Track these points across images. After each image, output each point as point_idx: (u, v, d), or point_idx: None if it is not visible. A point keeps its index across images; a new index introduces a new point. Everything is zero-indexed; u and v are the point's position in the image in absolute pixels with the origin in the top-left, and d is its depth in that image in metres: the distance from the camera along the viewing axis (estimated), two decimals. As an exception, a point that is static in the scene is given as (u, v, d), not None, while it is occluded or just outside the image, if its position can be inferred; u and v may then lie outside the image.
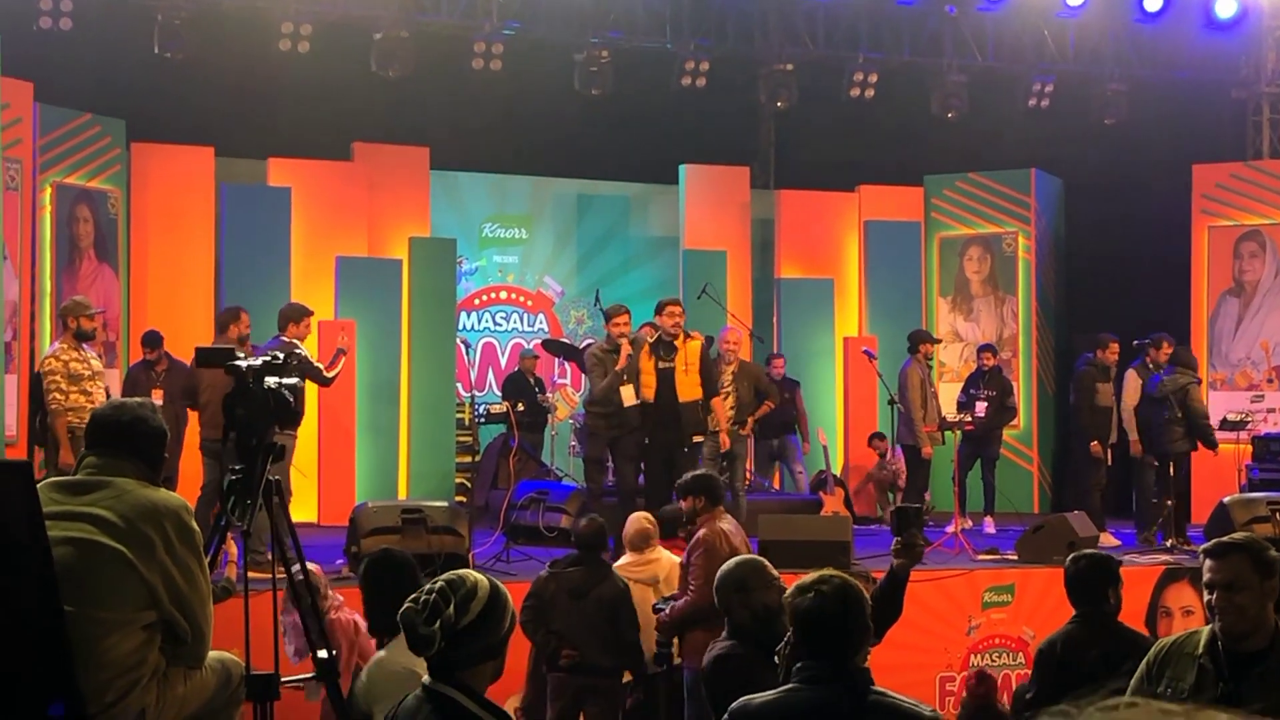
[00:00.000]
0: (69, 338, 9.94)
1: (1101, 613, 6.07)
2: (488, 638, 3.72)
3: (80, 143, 13.99)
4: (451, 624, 3.66)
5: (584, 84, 15.79)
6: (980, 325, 16.77)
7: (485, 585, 3.76)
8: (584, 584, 8.27)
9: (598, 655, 8.23)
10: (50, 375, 9.79)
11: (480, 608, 3.70)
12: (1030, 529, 11.99)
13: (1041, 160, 16.98)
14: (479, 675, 3.74)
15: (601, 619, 8.24)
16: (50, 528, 4.11)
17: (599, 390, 11.06)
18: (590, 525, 8.55)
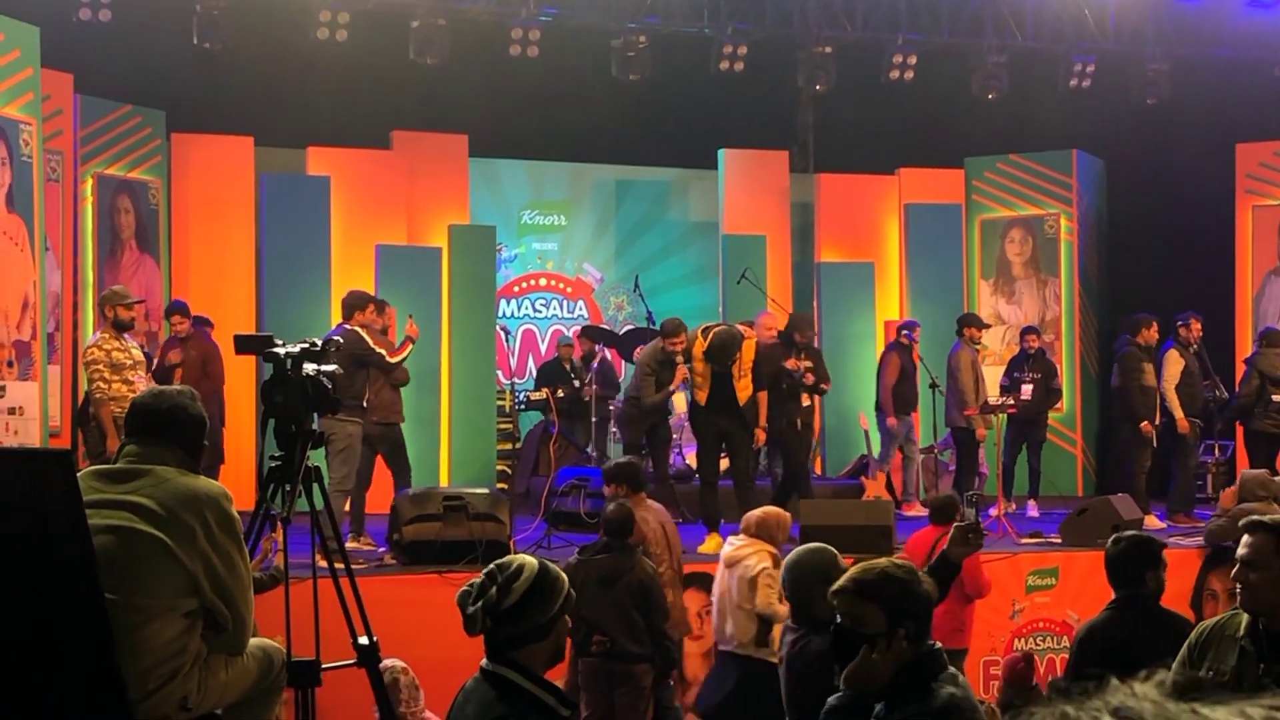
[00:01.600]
0: (109, 327, 9.96)
1: (1141, 596, 5.96)
2: (533, 618, 3.75)
3: (121, 134, 14.05)
4: (494, 605, 3.71)
5: (621, 70, 15.75)
6: (1022, 308, 16.67)
7: (532, 567, 3.79)
8: (613, 571, 8.24)
9: (627, 642, 8.22)
10: (93, 365, 9.80)
11: (524, 589, 3.74)
12: (1074, 512, 11.91)
13: (1083, 141, 16.85)
14: (531, 655, 3.77)
15: (631, 606, 8.22)
16: (91, 516, 4.13)
17: (650, 402, 11.16)
18: (618, 511, 8.50)
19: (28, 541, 4.22)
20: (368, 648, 5.41)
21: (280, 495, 5.21)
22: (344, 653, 5.42)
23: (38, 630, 4.27)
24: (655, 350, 11.45)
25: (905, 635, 3.65)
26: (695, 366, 11.03)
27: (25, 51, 10.53)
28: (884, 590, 3.68)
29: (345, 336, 9.56)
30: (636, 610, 8.21)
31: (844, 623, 3.71)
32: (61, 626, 4.19)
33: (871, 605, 3.67)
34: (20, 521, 4.22)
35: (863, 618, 3.68)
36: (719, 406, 10.99)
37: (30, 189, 10.51)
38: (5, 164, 10.27)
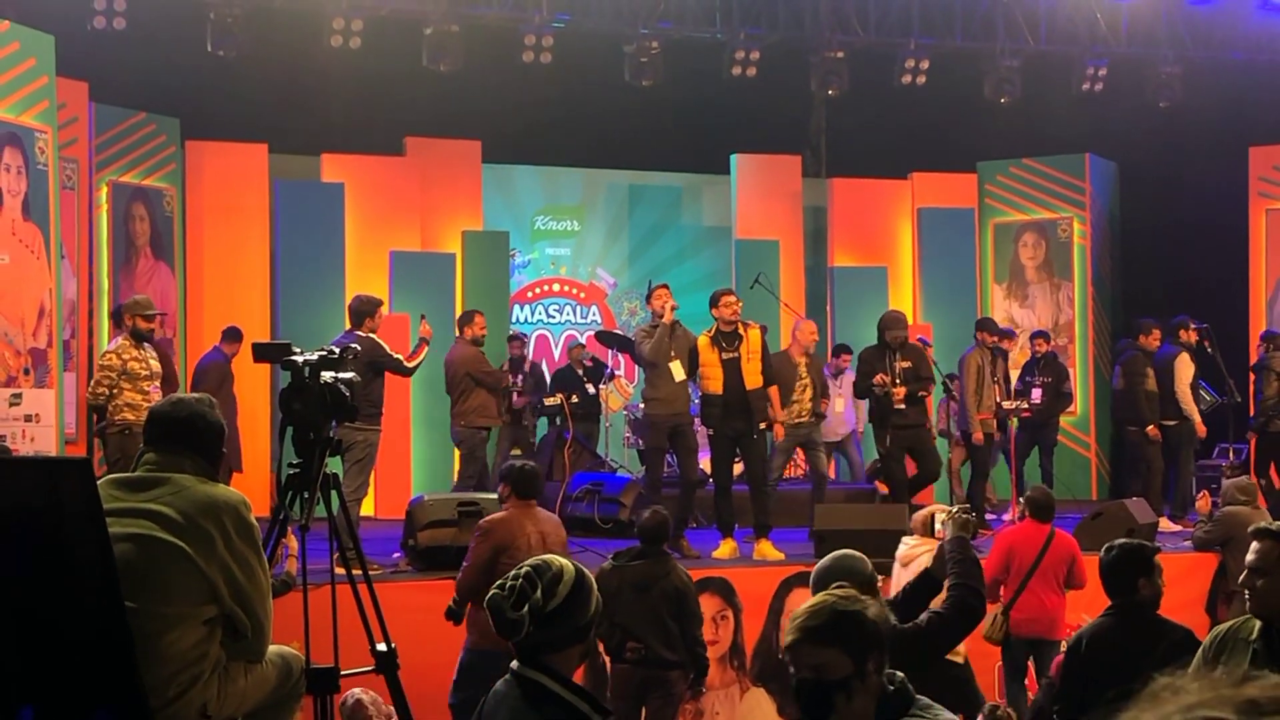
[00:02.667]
0: (129, 335, 9.95)
1: (1135, 604, 5.97)
2: (575, 620, 3.72)
3: (135, 141, 14.10)
4: (540, 608, 3.66)
5: (634, 75, 15.78)
6: (1036, 312, 16.67)
7: (570, 569, 3.77)
8: (648, 577, 8.25)
9: (661, 648, 8.23)
10: (106, 370, 9.75)
11: (567, 591, 3.70)
12: (1089, 516, 11.90)
13: (1096, 144, 16.85)
14: (567, 659, 3.75)
15: (665, 612, 8.23)
16: (110, 524, 4.14)
17: (649, 350, 11.06)
18: (654, 518, 8.52)
19: (48, 549, 4.24)
20: (386, 654, 5.43)
21: (299, 502, 5.22)
22: (362, 659, 5.44)
23: (58, 638, 4.29)
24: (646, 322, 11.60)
25: (875, 667, 3.35)
26: (703, 357, 11.03)
27: (40, 60, 10.57)
28: (839, 630, 3.33)
29: (362, 344, 9.57)
30: (671, 617, 8.23)
31: (806, 675, 3.34)
32: (81, 634, 4.21)
33: (831, 650, 3.32)
34: (40, 529, 4.24)
35: (825, 665, 3.31)
36: (731, 397, 10.97)
37: (46, 197, 10.55)
38: (21, 172, 10.31)
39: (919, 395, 11.96)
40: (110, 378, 9.72)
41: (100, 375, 9.80)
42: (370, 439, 10.29)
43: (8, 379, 10.04)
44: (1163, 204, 16.72)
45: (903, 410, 11.71)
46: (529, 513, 8.04)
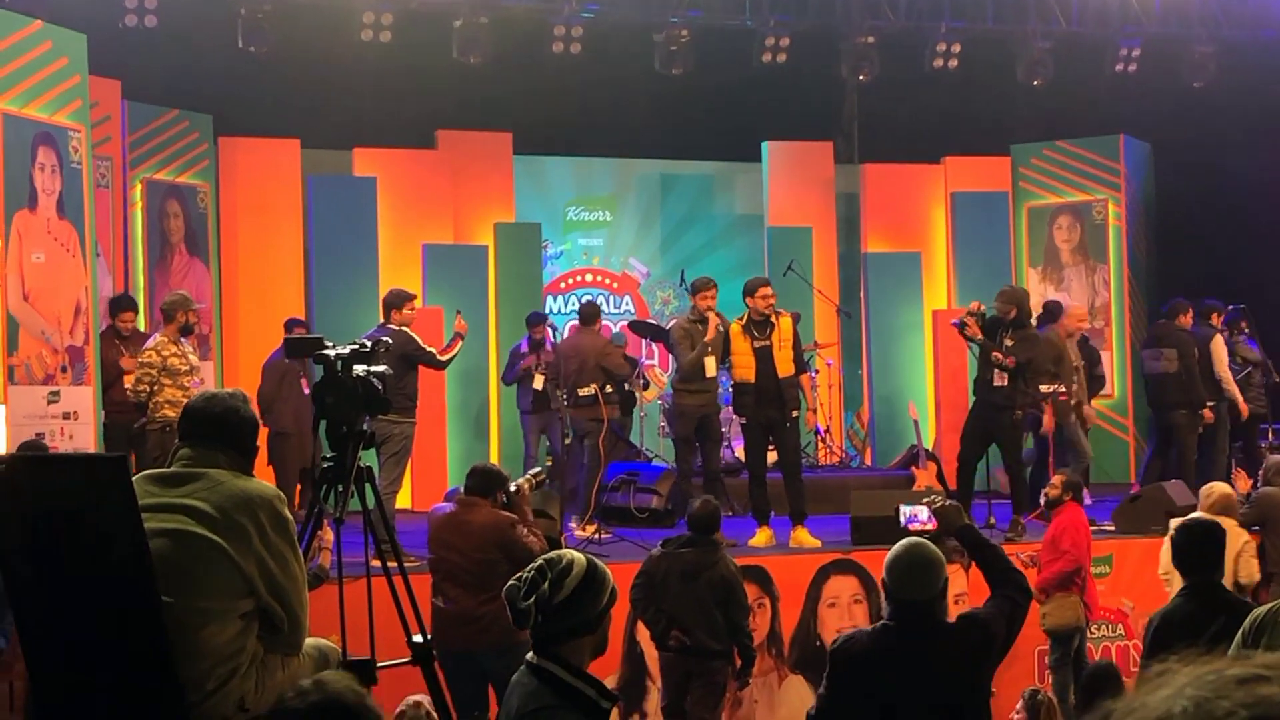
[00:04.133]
0: (171, 331, 9.99)
1: (1212, 583, 5.88)
2: (583, 613, 3.83)
3: (168, 139, 14.16)
4: (546, 599, 3.79)
5: (664, 64, 15.76)
6: (1071, 295, 16.55)
7: (581, 563, 3.87)
8: (696, 565, 8.27)
9: (706, 638, 8.25)
10: (146, 367, 9.84)
11: (575, 584, 3.82)
12: (1127, 499, 11.85)
13: (1130, 126, 16.73)
14: (577, 650, 3.86)
15: (712, 601, 8.25)
16: (146, 520, 4.16)
17: (687, 363, 11.04)
18: (705, 507, 8.55)
19: (85, 545, 4.27)
20: (422, 645, 5.45)
21: (333, 495, 5.24)
22: (399, 651, 5.46)
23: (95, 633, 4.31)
24: (686, 314, 11.46)
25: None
26: (735, 345, 10.99)
27: (73, 59, 10.62)
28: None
29: (395, 337, 9.60)
30: (717, 606, 8.24)
31: None
32: (119, 629, 4.24)
33: None
34: (77, 526, 4.26)
35: None
36: (764, 384, 10.95)
37: (80, 196, 10.60)
38: (55, 171, 10.36)
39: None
40: (151, 374, 9.80)
41: (140, 372, 9.86)
42: (406, 431, 10.33)
43: (45, 377, 10.10)
44: (1198, 184, 16.60)
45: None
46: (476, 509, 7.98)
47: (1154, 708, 1.32)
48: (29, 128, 10.15)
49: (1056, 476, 10.40)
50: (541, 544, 7.85)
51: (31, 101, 10.19)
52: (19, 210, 9.95)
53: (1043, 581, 9.82)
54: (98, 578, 4.26)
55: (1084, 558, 9.79)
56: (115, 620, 4.24)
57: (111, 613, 4.24)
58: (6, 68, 9.98)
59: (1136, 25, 16.52)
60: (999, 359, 11.19)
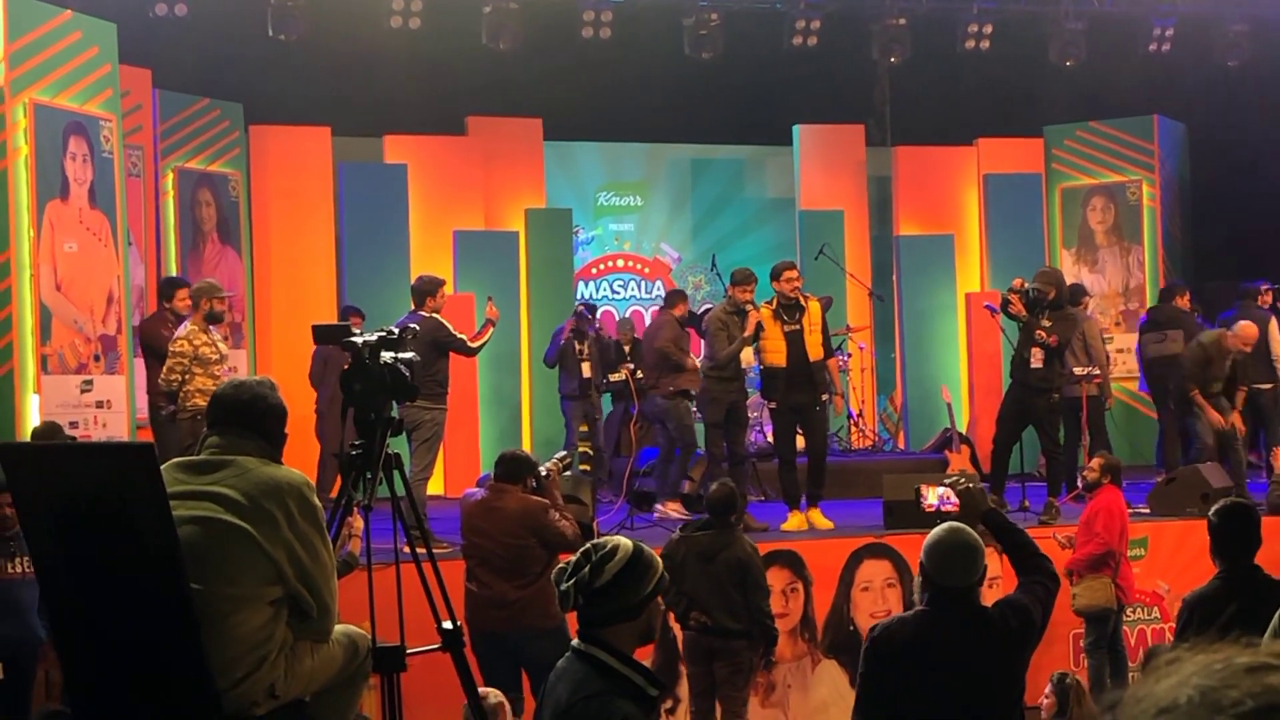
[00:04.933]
0: (199, 319, 10.02)
1: (1249, 566, 5.81)
2: (623, 598, 3.81)
3: (199, 127, 14.19)
4: (586, 583, 3.80)
5: (694, 48, 15.72)
6: (1106, 276, 16.48)
7: (627, 548, 3.87)
8: (712, 547, 8.37)
9: (724, 618, 8.32)
10: (178, 356, 9.87)
11: (617, 569, 3.81)
12: (1162, 481, 11.78)
13: (1164, 105, 16.61)
14: (619, 634, 3.84)
15: (730, 583, 8.32)
16: (175, 507, 4.17)
17: (724, 355, 11.02)
18: (721, 490, 8.64)
19: (114, 534, 4.28)
20: (452, 632, 5.45)
21: (361, 483, 5.25)
22: (428, 638, 5.46)
23: (125, 621, 4.33)
24: (723, 304, 11.42)
25: None
26: (765, 330, 10.98)
27: (104, 49, 10.65)
28: None
29: (424, 323, 9.60)
30: (734, 587, 8.31)
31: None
32: (148, 617, 4.25)
33: None
34: (107, 515, 4.28)
35: None
36: (794, 369, 10.95)
37: (112, 185, 10.64)
38: (87, 161, 10.40)
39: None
40: (182, 363, 9.82)
41: (172, 361, 9.88)
42: (437, 418, 10.34)
43: (78, 366, 10.15)
44: (1233, 164, 16.49)
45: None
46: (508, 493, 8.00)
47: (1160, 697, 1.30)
48: (60, 117, 10.18)
49: (1095, 459, 10.35)
50: (573, 528, 7.88)
51: (62, 91, 10.23)
52: (51, 200, 9.99)
53: (1073, 563, 9.79)
54: (127, 566, 4.27)
55: (1115, 541, 9.74)
56: (145, 608, 4.25)
57: (141, 600, 4.26)
58: (37, 58, 10.01)
59: (1170, 4, 16.39)
60: (1042, 337, 11.16)
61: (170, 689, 4.25)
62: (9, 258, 9.65)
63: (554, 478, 8.15)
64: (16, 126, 9.77)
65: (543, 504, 7.89)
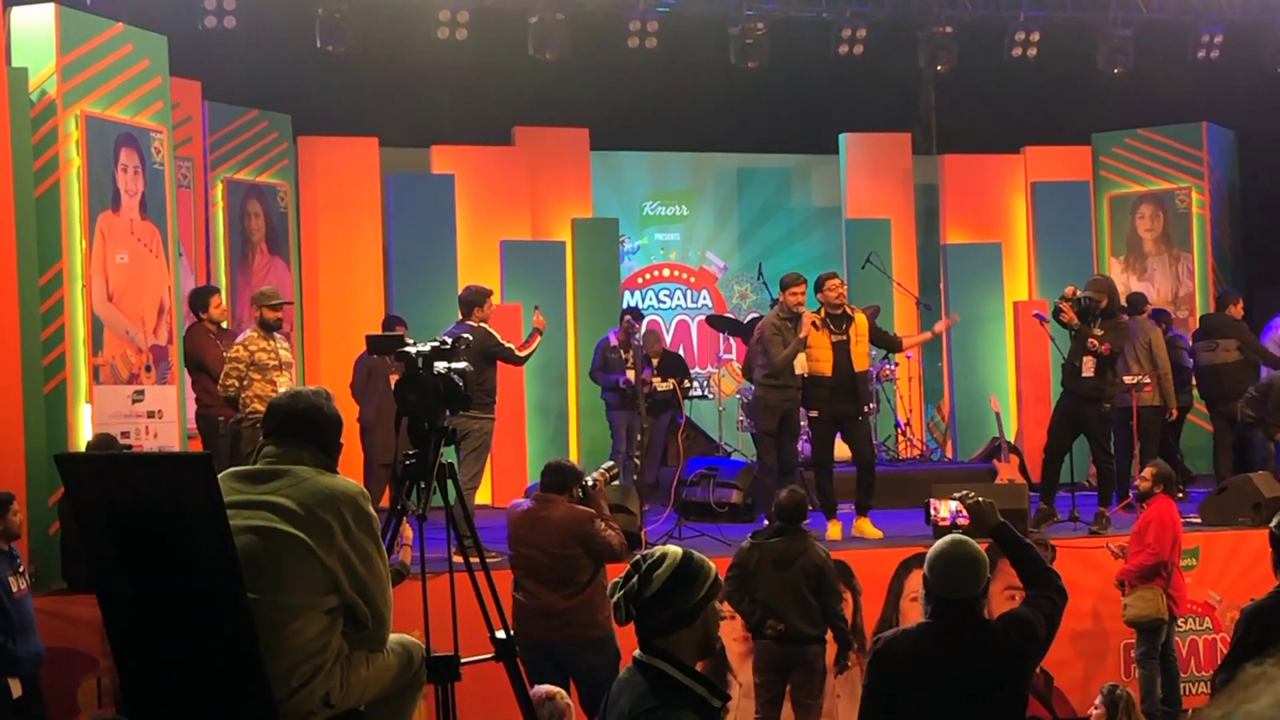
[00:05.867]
0: (258, 326, 10.25)
1: None
2: (675, 605, 3.78)
3: (248, 139, 14.28)
4: (636, 594, 3.77)
5: (740, 57, 15.72)
6: (1155, 284, 16.38)
7: (675, 556, 3.85)
8: (787, 554, 8.38)
9: (801, 624, 8.32)
10: (233, 362, 10.07)
11: (665, 576, 3.78)
12: (1214, 491, 11.70)
13: (1212, 113, 16.51)
14: (676, 643, 3.80)
15: (806, 588, 8.33)
16: (232, 517, 4.19)
17: (781, 359, 10.99)
18: (791, 496, 8.63)
19: (172, 544, 4.30)
20: (505, 641, 5.45)
21: (415, 492, 5.26)
22: (482, 647, 5.47)
23: (183, 631, 4.35)
24: (775, 311, 11.42)
25: None
26: (811, 339, 10.99)
27: (154, 61, 10.72)
28: None
29: (474, 333, 9.64)
30: (811, 592, 8.31)
31: None
32: (206, 627, 4.27)
33: None
34: (164, 524, 4.30)
35: None
36: (840, 379, 10.97)
37: (162, 196, 10.71)
38: (138, 172, 10.47)
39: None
40: (239, 369, 10.00)
41: (229, 367, 10.09)
42: (485, 427, 10.38)
43: (130, 376, 10.21)
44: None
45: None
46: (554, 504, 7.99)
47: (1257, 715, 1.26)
48: (111, 129, 10.25)
49: (1148, 469, 10.28)
50: (620, 538, 7.88)
51: (114, 104, 10.30)
52: (103, 211, 10.06)
53: (1124, 573, 9.74)
54: (185, 575, 4.29)
55: (1167, 551, 9.68)
56: (202, 617, 4.27)
57: (199, 610, 4.27)
58: (89, 70, 10.09)
59: (1218, 11, 16.30)
60: (1095, 345, 11.09)
61: (227, 698, 4.27)
62: (61, 269, 9.72)
63: (600, 487, 8.15)
64: (69, 138, 9.85)
65: (589, 514, 7.90)
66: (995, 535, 5.23)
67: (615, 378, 13.04)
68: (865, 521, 11.13)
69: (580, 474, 8.15)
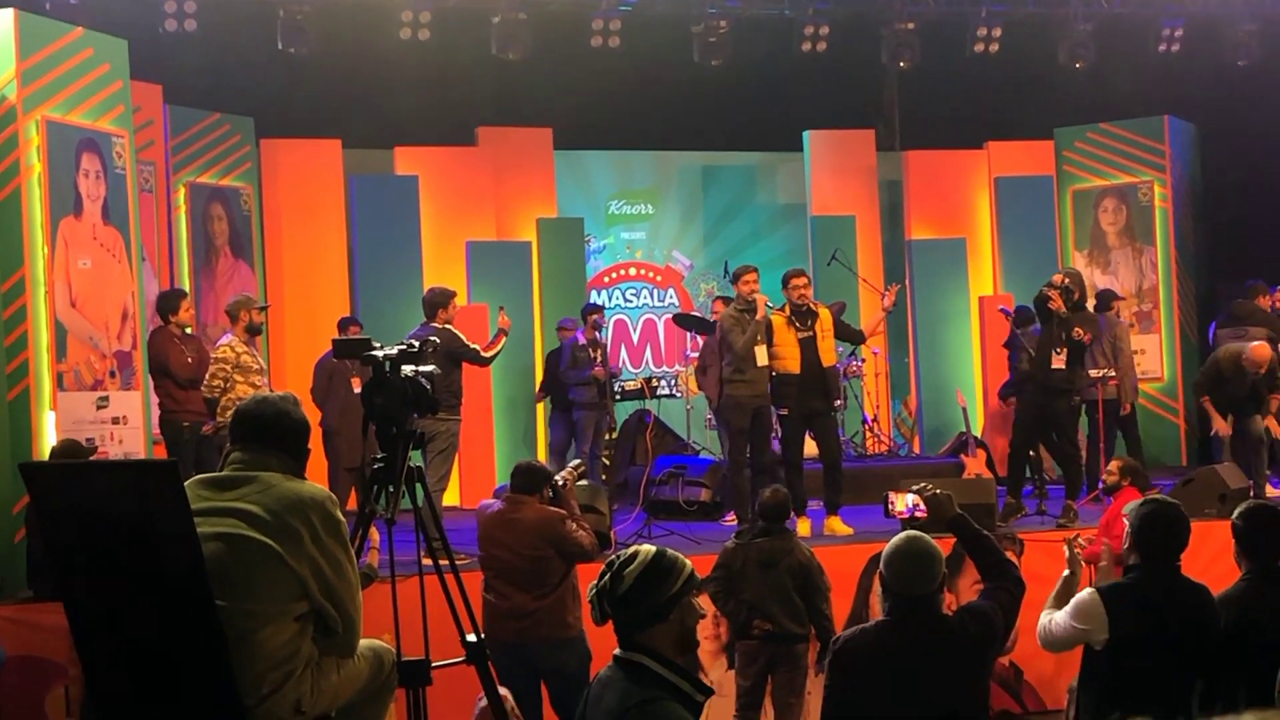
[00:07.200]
0: (240, 331, 10.34)
1: (1275, 569, 5.76)
2: (648, 601, 3.83)
3: (210, 142, 14.21)
4: (609, 591, 3.85)
5: (704, 55, 15.72)
6: (1119, 277, 16.45)
7: (647, 553, 3.91)
8: (773, 554, 8.35)
9: (788, 623, 8.32)
10: (219, 363, 10.12)
11: (638, 573, 3.84)
12: (1180, 482, 11.74)
13: (1174, 106, 16.59)
14: (653, 638, 3.85)
15: (792, 587, 8.32)
16: (200, 524, 4.17)
17: (741, 346, 11.00)
18: (775, 495, 8.61)
19: (139, 551, 4.27)
20: (476, 644, 5.44)
21: (384, 496, 5.24)
22: (453, 651, 5.45)
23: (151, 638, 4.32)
24: (732, 304, 11.45)
25: None
26: (778, 336, 11.01)
27: (115, 65, 10.64)
28: None
29: (440, 335, 9.62)
30: (797, 592, 8.31)
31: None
32: (174, 634, 4.24)
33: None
34: (131, 532, 4.27)
35: None
36: (809, 375, 10.99)
37: (125, 201, 10.63)
38: (100, 177, 10.40)
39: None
40: (225, 370, 10.10)
41: (215, 368, 10.19)
42: (452, 429, 10.36)
43: (94, 382, 10.14)
44: (1245, 163, 16.47)
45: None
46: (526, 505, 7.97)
47: None
48: (73, 134, 10.18)
49: (1114, 462, 10.31)
50: (591, 538, 7.87)
51: (75, 108, 10.22)
52: (65, 217, 9.98)
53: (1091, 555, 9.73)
54: (152, 583, 4.26)
55: None
56: (170, 625, 4.25)
57: (167, 617, 4.25)
58: (49, 75, 10.01)
59: (1178, 5, 16.37)
60: (1080, 335, 11.13)
61: (196, 706, 4.25)
62: (23, 275, 9.64)
63: (570, 486, 8.14)
64: (29, 144, 9.77)
65: (560, 515, 7.89)
66: (953, 527, 5.27)
67: (587, 372, 13.01)
68: (836, 520, 11.14)
69: (550, 475, 8.14)
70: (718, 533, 11.18)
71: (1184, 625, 5.43)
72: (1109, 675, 5.47)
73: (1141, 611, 5.45)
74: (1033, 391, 11.55)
